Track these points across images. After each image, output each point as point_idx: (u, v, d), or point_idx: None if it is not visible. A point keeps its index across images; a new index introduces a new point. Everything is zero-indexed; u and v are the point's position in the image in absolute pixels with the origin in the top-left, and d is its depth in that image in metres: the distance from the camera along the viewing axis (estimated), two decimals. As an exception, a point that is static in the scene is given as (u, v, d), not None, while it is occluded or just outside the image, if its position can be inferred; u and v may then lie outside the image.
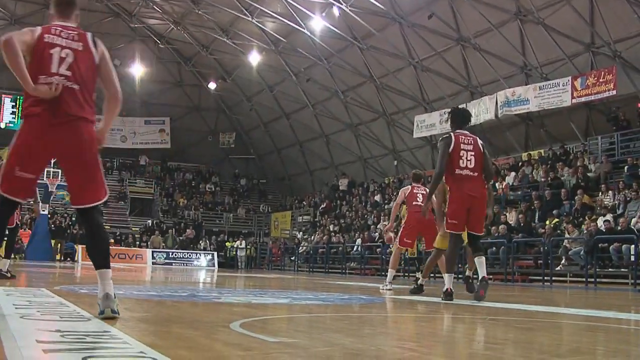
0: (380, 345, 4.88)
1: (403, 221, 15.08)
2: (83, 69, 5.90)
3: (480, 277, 10.68)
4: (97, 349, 4.00)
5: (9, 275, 13.04)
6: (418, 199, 14.43)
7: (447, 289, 10.63)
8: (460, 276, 19.71)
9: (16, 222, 13.37)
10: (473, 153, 10.30)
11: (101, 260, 5.91)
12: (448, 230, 10.49)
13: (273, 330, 5.99)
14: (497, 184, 34.03)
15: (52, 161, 27.35)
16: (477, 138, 10.67)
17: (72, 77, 5.80)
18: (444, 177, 10.46)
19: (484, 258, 10.84)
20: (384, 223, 37.18)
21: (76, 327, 5.04)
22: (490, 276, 9.52)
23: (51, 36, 5.85)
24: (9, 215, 6.19)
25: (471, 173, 10.28)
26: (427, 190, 13.67)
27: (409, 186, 15.25)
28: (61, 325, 5.11)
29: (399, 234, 14.77)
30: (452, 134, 10.48)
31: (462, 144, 10.30)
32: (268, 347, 4.47)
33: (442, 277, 13.00)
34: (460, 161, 10.22)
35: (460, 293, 11.98)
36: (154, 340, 4.57)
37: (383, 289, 14.28)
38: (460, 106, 33.49)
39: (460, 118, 10.95)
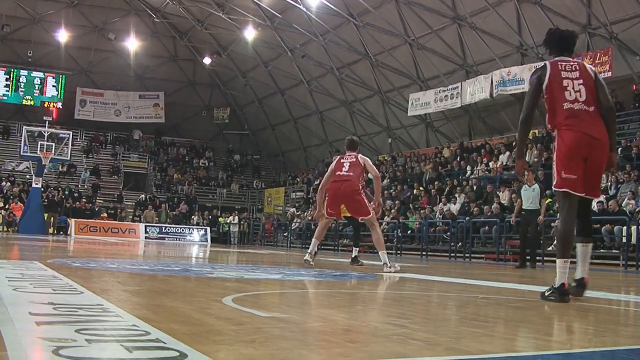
0: (372, 322, 4.90)
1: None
2: None
3: (578, 278, 7.47)
4: (90, 322, 4.00)
5: None
6: (343, 168, 13.68)
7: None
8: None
9: None
10: (581, 81, 7.34)
11: None
12: (560, 189, 7.26)
13: (265, 305, 6.01)
14: (490, 163, 34.11)
15: (46, 135, 27.25)
16: (585, 63, 7.98)
17: None
18: (547, 123, 7.55)
19: (591, 246, 7.64)
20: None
21: (69, 300, 5.05)
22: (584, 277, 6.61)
23: None
24: None
25: (585, 107, 7.25)
26: (357, 158, 14.02)
27: (338, 157, 14.40)
28: (54, 298, 5.12)
29: (324, 204, 14.17)
30: (547, 62, 7.58)
31: (562, 72, 7.40)
32: (260, 322, 4.48)
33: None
34: (566, 93, 7.31)
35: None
36: (147, 314, 4.59)
37: (306, 260, 13.88)
38: (461, 82, 33.59)
39: (557, 41, 7.80)
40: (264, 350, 3.39)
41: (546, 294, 7.17)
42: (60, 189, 48.74)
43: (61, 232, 43.16)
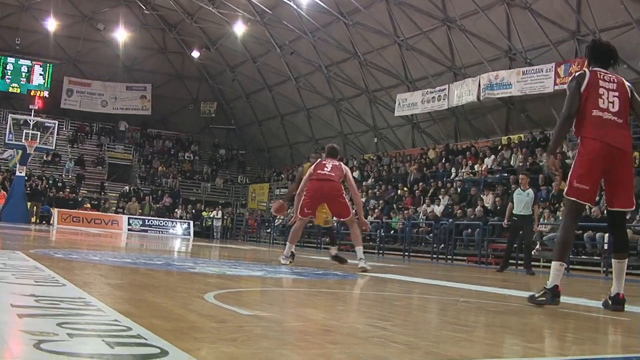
0: (353, 323, 4.92)
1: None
2: None
3: (614, 295, 7.34)
4: (72, 315, 4.01)
5: None
6: (326, 169, 13.37)
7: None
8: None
9: None
10: (617, 93, 7.39)
11: None
12: (569, 197, 7.38)
13: (247, 302, 6.02)
14: (476, 166, 34.17)
15: (31, 123, 27.24)
16: (624, 79, 7.75)
17: None
18: (573, 128, 7.56)
19: (626, 262, 7.53)
20: (362, 200, 37.30)
21: (51, 292, 5.05)
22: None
23: None
24: None
25: (615, 118, 7.28)
26: (340, 163, 14.02)
27: (319, 160, 14.05)
28: (36, 289, 5.12)
29: (300, 204, 13.41)
30: (586, 70, 7.60)
31: (600, 81, 7.41)
32: (242, 320, 4.50)
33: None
34: (600, 101, 7.32)
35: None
36: (128, 308, 4.59)
37: (282, 262, 13.25)
38: (449, 84, 33.55)
39: (599, 53, 7.88)
40: (246, 349, 3.40)
41: (536, 295, 7.19)
42: (44, 178, 48.58)
43: (44, 222, 43.04)
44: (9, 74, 54.11)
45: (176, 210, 50.65)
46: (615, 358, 4.21)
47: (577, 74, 7.67)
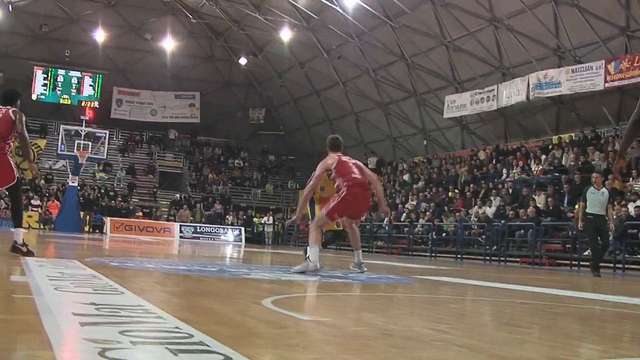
0: (412, 326, 4.90)
1: (337, 193, 11.75)
2: None
3: None
4: (133, 323, 4.04)
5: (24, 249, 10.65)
6: (355, 171, 11.62)
7: None
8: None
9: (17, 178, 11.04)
10: None
11: None
12: None
13: (305, 308, 6.03)
14: (532, 166, 33.90)
15: (83, 134, 27.40)
16: None
17: None
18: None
19: None
20: (412, 203, 37.17)
21: (110, 300, 5.09)
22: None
23: None
24: None
25: None
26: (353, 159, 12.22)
27: (334, 155, 11.94)
28: (95, 298, 5.17)
29: (331, 205, 11.56)
30: None
31: None
32: (302, 325, 4.50)
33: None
34: None
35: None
36: (187, 315, 4.62)
37: (312, 270, 10.87)
38: (498, 85, 33.13)
39: None
40: (309, 354, 3.40)
41: None
42: (96, 187, 49.11)
43: (97, 231, 43.50)
44: (59, 85, 54.66)
45: (227, 216, 50.85)
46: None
47: None
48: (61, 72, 54.55)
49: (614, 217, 20.17)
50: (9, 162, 10.62)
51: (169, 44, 53.62)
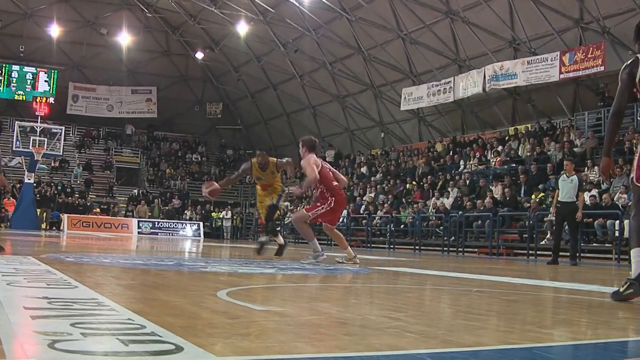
0: (367, 315, 4.91)
1: (323, 200, 12.84)
2: None
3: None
4: (85, 315, 4.00)
5: None
6: (333, 179, 12.87)
7: None
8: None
9: None
10: None
11: None
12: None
13: (260, 299, 6.02)
14: (490, 158, 34.11)
15: (38, 130, 27.21)
16: None
17: None
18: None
19: None
20: (370, 195, 37.28)
21: (63, 294, 5.04)
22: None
23: None
24: None
25: None
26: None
27: (317, 160, 12.82)
28: (48, 292, 5.12)
29: (318, 211, 12.81)
30: (638, 55, 6.74)
31: None
32: (255, 315, 4.49)
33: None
34: None
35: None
36: (142, 307, 4.59)
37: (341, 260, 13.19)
38: (454, 77, 33.21)
39: None
40: (260, 343, 3.39)
41: (621, 290, 6.37)
42: (52, 184, 48.68)
43: (54, 228, 43.15)
44: (14, 81, 54.20)
45: (185, 211, 50.65)
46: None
47: (628, 61, 6.84)
48: (15, 67, 54.14)
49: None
50: None
51: (124, 38, 53.27)
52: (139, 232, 44.63)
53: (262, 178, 15.11)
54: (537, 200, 25.55)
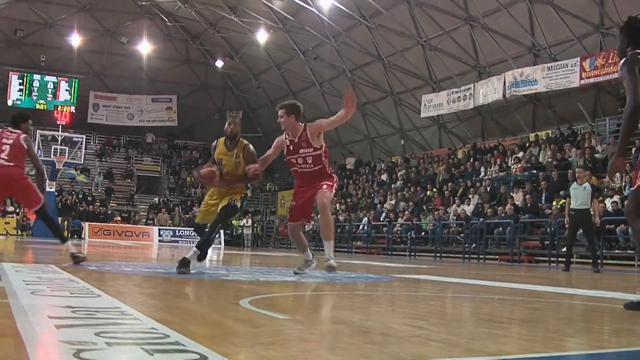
0: (389, 323, 4.90)
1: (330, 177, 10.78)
2: None
3: None
4: (109, 324, 4.02)
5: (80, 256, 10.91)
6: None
7: None
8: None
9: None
10: None
11: None
12: None
13: (282, 307, 6.02)
14: (510, 164, 33.99)
15: (59, 139, 27.31)
16: None
17: None
18: None
19: None
20: (391, 202, 37.28)
21: (87, 303, 5.06)
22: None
23: None
24: None
25: None
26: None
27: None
28: (72, 301, 5.14)
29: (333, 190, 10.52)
30: (633, 52, 6.38)
31: None
32: (278, 324, 4.49)
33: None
34: None
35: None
36: (164, 316, 4.60)
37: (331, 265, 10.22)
38: (474, 83, 32.95)
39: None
40: (284, 352, 3.39)
41: (637, 300, 6.09)
42: (73, 192, 48.91)
43: (75, 236, 43.30)
44: (35, 90, 54.45)
45: (206, 219, 50.66)
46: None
47: (629, 55, 6.43)
48: (37, 77, 54.39)
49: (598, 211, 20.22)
50: (32, 185, 10.91)
51: (145, 47, 53.54)
52: (159, 240, 44.71)
53: (224, 162, 11.02)
54: (558, 206, 25.41)
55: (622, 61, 6.49)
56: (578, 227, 18.48)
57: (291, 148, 11.08)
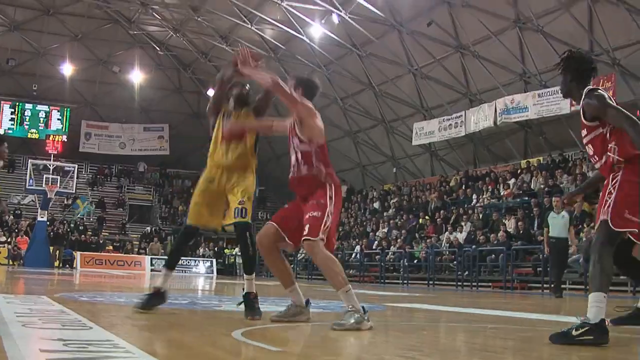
0: (383, 354, 4.88)
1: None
2: None
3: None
4: (101, 358, 3.99)
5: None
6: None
7: (602, 320, 5.87)
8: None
9: None
10: None
11: None
12: (618, 229, 6.01)
13: (275, 339, 5.99)
14: (501, 190, 34.03)
15: (51, 168, 27.21)
16: None
17: None
18: (615, 151, 6.25)
19: None
20: (383, 230, 37.27)
21: (79, 335, 5.04)
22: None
23: None
24: None
25: None
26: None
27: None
28: (63, 333, 5.12)
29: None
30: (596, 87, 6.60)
31: None
32: (272, 357, 4.47)
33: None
34: None
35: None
36: (157, 349, 4.58)
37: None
38: (465, 111, 32.95)
39: (590, 69, 7.05)
40: (277, 385, 3.38)
41: (574, 333, 5.71)
42: (65, 222, 48.77)
43: (67, 265, 43.13)
44: (27, 120, 54.42)
45: (198, 248, 50.57)
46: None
47: (600, 90, 6.63)
48: (28, 106, 54.36)
49: (583, 239, 20.29)
50: None
51: (137, 76, 53.65)
52: (152, 270, 44.55)
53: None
54: (573, 233, 25.39)
55: (586, 101, 6.66)
56: (560, 254, 18.57)
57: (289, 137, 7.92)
